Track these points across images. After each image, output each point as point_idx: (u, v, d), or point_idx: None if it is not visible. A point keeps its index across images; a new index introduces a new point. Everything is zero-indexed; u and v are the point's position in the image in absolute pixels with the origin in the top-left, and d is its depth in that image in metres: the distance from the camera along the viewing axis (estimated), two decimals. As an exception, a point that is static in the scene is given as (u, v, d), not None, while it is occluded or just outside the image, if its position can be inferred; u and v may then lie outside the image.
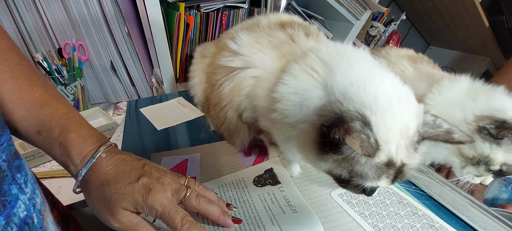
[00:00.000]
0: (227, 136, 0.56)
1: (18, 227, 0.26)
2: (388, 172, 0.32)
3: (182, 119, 0.75)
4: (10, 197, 0.26)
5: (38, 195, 0.31)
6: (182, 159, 0.55)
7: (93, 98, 1.10)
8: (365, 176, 0.32)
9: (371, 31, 1.35)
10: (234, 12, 0.99)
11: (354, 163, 0.32)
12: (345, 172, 0.33)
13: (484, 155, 0.48)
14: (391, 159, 0.31)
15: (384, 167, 0.32)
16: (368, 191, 0.35)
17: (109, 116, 0.95)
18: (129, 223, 0.32)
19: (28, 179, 0.29)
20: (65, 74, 0.93)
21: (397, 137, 0.32)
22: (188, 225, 0.31)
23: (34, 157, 0.74)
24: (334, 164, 0.33)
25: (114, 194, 0.31)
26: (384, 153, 0.31)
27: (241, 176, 0.49)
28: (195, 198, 0.34)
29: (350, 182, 0.34)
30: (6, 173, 0.26)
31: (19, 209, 0.26)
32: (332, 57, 0.38)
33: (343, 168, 0.33)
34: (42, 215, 0.30)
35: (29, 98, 0.33)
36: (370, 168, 0.32)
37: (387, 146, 0.31)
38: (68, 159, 0.33)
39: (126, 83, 1.09)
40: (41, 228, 0.30)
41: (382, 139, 0.31)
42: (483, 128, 0.47)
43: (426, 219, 0.41)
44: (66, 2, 0.90)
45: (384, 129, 0.31)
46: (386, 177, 0.32)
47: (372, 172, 0.32)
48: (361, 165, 0.32)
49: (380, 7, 1.16)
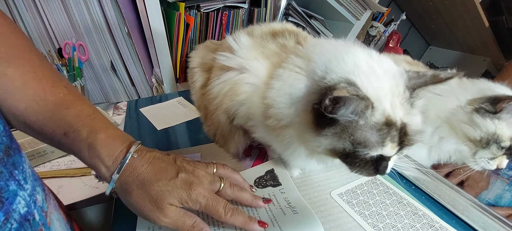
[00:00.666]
0: (221, 142, 0.54)
1: (19, 223, 0.26)
2: (391, 134, 0.31)
3: (182, 118, 0.75)
4: (7, 193, 0.26)
5: (39, 192, 0.31)
6: (182, 159, 0.55)
7: (93, 98, 1.10)
8: (369, 143, 0.31)
9: (371, 31, 1.35)
10: (234, 12, 0.99)
11: (354, 130, 0.31)
12: (348, 144, 0.32)
13: (491, 133, 0.49)
14: (388, 116, 0.31)
15: (384, 128, 0.31)
16: (380, 166, 0.33)
17: (109, 116, 0.95)
18: (177, 216, 0.33)
19: (27, 176, 0.29)
20: (65, 74, 0.93)
21: (389, 95, 0.32)
22: (231, 213, 0.35)
23: (34, 157, 0.74)
24: (335, 138, 0.33)
25: (159, 192, 0.32)
26: (379, 111, 0.31)
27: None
28: (229, 188, 0.38)
29: (356, 155, 0.33)
30: (1, 170, 0.26)
31: (18, 205, 0.26)
32: (310, 49, 0.39)
33: (345, 139, 0.32)
34: (44, 212, 0.30)
35: (54, 99, 0.32)
36: (371, 132, 0.31)
37: (380, 104, 0.31)
38: (99, 160, 0.32)
39: (126, 83, 1.09)
40: (44, 225, 0.30)
41: (373, 97, 0.31)
42: (480, 108, 0.49)
43: (426, 219, 0.41)
44: (66, 2, 0.90)
45: (372, 88, 0.32)
46: (390, 141, 0.32)
47: (374, 136, 0.31)
48: (361, 131, 0.31)
49: (380, 7, 1.16)
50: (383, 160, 0.34)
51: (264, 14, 1.05)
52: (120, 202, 0.46)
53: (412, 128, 0.33)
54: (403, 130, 0.32)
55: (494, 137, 0.49)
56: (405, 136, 0.33)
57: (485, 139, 0.49)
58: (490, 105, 0.49)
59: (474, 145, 0.51)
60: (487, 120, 0.49)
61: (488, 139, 0.49)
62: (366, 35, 1.36)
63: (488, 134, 0.49)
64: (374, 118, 0.31)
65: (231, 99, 0.44)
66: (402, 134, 0.32)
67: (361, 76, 0.32)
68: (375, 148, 0.32)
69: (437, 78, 0.33)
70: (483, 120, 0.49)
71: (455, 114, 0.52)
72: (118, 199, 0.47)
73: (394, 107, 0.32)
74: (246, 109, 0.42)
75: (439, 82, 0.33)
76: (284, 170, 0.49)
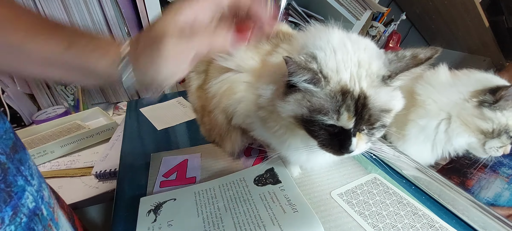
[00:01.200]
0: (218, 141, 0.55)
1: (28, 217, 0.26)
2: (346, 102, 0.32)
3: (182, 118, 0.75)
4: (16, 188, 0.26)
5: (45, 189, 0.31)
6: (182, 159, 0.55)
7: (93, 98, 1.10)
8: (324, 109, 0.33)
9: (371, 31, 1.35)
10: (234, 12, 0.99)
11: (310, 97, 0.33)
12: (305, 110, 0.34)
13: (502, 124, 0.50)
14: (345, 86, 0.33)
15: (339, 97, 0.32)
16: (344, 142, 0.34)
17: (109, 116, 0.95)
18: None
19: (34, 172, 0.30)
20: (65, 74, 0.93)
21: (353, 68, 0.33)
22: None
23: (34, 157, 0.74)
24: (295, 104, 0.35)
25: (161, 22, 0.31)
26: (334, 81, 0.33)
27: (242, 175, 0.49)
28: None
29: (315, 123, 0.34)
30: (8, 165, 0.26)
31: (27, 200, 0.27)
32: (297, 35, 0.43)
33: (303, 106, 0.34)
34: (51, 207, 0.31)
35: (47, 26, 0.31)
36: (325, 99, 0.33)
37: (336, 74, 0.33)
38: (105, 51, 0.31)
39: (126, 83, 1.09)
40: (52, 220, 0.30)
41: (331, 68, 0.33)
42: (483, 101, 0.51)
43: (426, 219, 0.41)
44: (66, 2, 0.90)
45: (333, 61, 0.34)
46: (346, 109, 0.32)
47: (329, 103, 0.33)
48: (316, 98, 0.33)
49: (380, 7, 1.16)
50: (345, 136, 0.34)
51: (264, 14, 1.05)
52: (120, 202, 0.46)
53: (375, 103, 0.33)
54: (361, 101, 0.33)
55: (505, 128, 0.51)
56: (364, 107, 0.33)
57: (497, 130, 0.51)
58: (491, 96, 0.50)
59: (484, 136, 0.52)
60: (497, 112, 0.50)
61: (500, 130, 0.51)
62: (366, 35, 1.36)
63: (500, 125, 0.51)
64: (329, 86, 0.33)
65: (228, 98, 0.44)
66: (360, 105, 0.33)
67: (326, 51, 0.35)
68: (330, 115, 0.33)
69: (417, 60, 0.33)
70: (494, 113, 0.51)
71: (464, 109, 0.53)
72: (118, 199, 0.48)
73: (356, 78, 0.33)
74: (244, 107, 0.43)
75: (420, 63, 0.33)
76: (284, 168, 0.49)
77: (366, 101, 0.33)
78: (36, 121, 0.94)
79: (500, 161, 0.58)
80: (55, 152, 0.77)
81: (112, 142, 0.78)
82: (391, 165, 0.53)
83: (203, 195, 0.45)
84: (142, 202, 0.43)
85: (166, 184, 0.48)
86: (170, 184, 0.48)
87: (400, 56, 0.35)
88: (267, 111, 0.40)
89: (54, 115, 0.97)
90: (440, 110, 0.55)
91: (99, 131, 0.83)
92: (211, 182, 0.48)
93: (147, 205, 0.42)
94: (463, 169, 0.61)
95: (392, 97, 0.35)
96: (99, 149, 0.82)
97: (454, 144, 0.55)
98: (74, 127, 0.88)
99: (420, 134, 0.56)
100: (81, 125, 0.90)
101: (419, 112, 0.56)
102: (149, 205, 0.42)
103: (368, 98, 0.33)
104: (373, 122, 0.34)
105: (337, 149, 0.35)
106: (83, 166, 0.74)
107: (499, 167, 0.58)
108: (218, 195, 0.44)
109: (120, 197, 0.48)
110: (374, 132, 0.36)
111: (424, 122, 0.55)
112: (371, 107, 0.33)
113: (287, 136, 0.41)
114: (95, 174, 0.67)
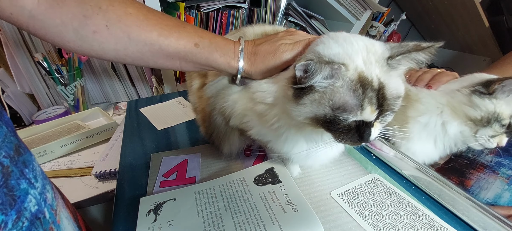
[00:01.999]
0: (216, 142, 0.54)
1: (30, 221, 0.26)
2: (368, 95, 0.32)
3: (182, 118, 0.75)
4: (19, 192, 0.26)
5: (48, 190, 0.31)
6: (182, 159, 0.55)
7: (93, 98, 1.10)
8: (348, 106, 0.32)
9: (371, 31, 1.35)
10: (234, 12, 0.99)
11: (332, 94, 0.32)
12: (328, 109, 0.33)
13: (491, 111, 0.51)
14: (362, 72, 0.32)
15: (360, 89, 0.32)
16: (364, 133, 0.34)
17: (109, 116, 0.95)
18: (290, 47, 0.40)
19: (38, 174, 0.30)
20: (65, 74, 0.93)
21: (363, 52, 0.33)
22: None
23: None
24: (314, 105, 0.33)
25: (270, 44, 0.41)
26: (352, 67, 0.32)
27: (242, 175, 0.49)
28: None
29: (337, 121, 0.33)
30: (12, 169, 0.26)
31: (30, 203, 0.27)
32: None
33: (324, 105, 0.33)
34: (54, 210, 0.31)
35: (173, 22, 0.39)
36: (348, 93, 0.32)
37: (351, 61, 0.33)
38: (228, 56, 0.40)
39: (126, 83, 1.09)
40: (54, 223, 0.30)
41: (342, 57, 0.33)
42: (476, 90, 0.53)
43: (426, 219, 0.41)
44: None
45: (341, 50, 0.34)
46: (369, 103, 0.32)
47: (352, 98, 0.32)
48: (338, 94, 0.32)
49: (380, 7, 1.16)
50: (365, 127, 0.34)
51: (264, 14, 1.05)
52: (120, 202, 0.46)
53: (391, 91, 0.33)
54: (381, 91, 0.33)
55: (495, 116, 0.51)
56: (384, 99, 0.33)
57: (486, 117, 0.51)
58: (483, 88, 0.52)
59: (474, 124, 0.53)
60: (485, 100, 0.51)
61: (489, 118, 0.51)
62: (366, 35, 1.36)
63: (488, 113, 0.51)
64: (348, 73, 0.32)
65: (225, 100, 0.44)
66: (380, 96, 0.33)
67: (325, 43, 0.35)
68: (354, 111, 0.32)
69: (418, 47, 0.34)
70: (482, 100, 0.51)
71: (454, 97, 0.54)
72: (118, 199, 0.48)
73: (369, 64, 0.33)
74: (240, 107, 0.43)
75: (421, 50, 0.33)
76: (284, 168, 0.49)
77: (385, 92, 0.33)
78: (36, 121, 0.94)
79: (500, 162, 0.58)
80: (55, 152, 0.77)
81: (112, 142, 0.78)
82: (391, 165, 0.53)
83: (203, 194, 0.45)
84: (142, 202, 0.43)
85: (166, 184, 0.48)
86: (170, 184, 0.48)
87: (403, 44, 0.35)
88: (264, 106, 0.40)
89: (54, 115, 0.97)
90: (439, 104, 0.56)
91: (99, 131, 0.83)
92: (211, 181, 0.48)
93: (147, 205, 0.42)
94: (462, 169, 0.61)
95: (399, 83, 0.35)
96: (99, 149, 0.82)
97: (449, 133, 0.55)
98: (74, 127, 0.88)
99: (422, 131, 0.57)
100: (81, 125, 0.89)
101: (418, 107, 0.56)
102: (149, 205, 0.42)
103: (385, 87, 0.33)
104: (391, 110, 0.34)
105: (356, 140, 0.34)
106: (83, 166, 0.74)
107: (499, 167, 0.58)
108: (218, 195, 0.44)
109: (120, 197, 0.48)
110: (387, 118, 0.36)
111: (425, 119, 0.56)
112: (389, 97, 0.33)
113: (283, 129, 0.40)
114: (95, 174, 0.67)
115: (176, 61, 0.40)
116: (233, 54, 0.41)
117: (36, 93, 0.99)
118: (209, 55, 0.40)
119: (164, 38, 0.37)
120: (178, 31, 0.38)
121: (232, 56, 0.41)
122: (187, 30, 0.39)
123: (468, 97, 0.53)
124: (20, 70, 0.93)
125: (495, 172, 0.59)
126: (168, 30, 0.37)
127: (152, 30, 0.36)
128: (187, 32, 0.39)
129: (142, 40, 0.36)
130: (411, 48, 0.34)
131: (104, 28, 0.34)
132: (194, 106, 0.58)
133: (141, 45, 0.36)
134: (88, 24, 0.34)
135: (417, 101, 0.57)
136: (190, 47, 0.39)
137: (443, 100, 0.55)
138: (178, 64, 0.40)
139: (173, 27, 0.38)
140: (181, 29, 0.39)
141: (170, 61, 0.40)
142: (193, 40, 0.39)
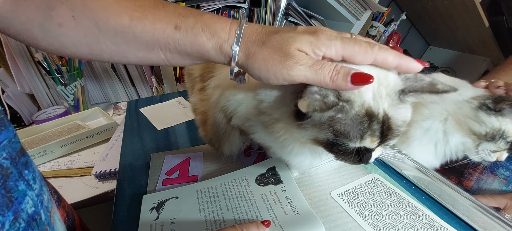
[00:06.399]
0: (215, 142, 0.51)
1: (26, 223, 0.26)
2: (371, 128, 0.31)
3: (182, 118, 0.75)
4: (16, 193, 0.26)
5: (45, 192, 0.31)
6: (184, 157, 0.55)
7: (93, 98, 1.10)
8: (349, 135, 0.31)
9: (371, 31, 1.35)
10: (234, 12, 0.99)
11: (333, 123, 0.31)
12: (330, 135, 0.32)
13: (496, 129, 0.50)
14: (369, 108, 0.31)
15: (365, 121, 0.31)
16: (364, 156, 0.33)
17: (109, 116, 0.95)
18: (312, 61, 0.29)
19: (36, 176, 0.30)
20: (65, 74, 0.93)
21: (374, 85, 0.31)
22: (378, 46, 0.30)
23: (34, 157, 0.74)
24: (315, 129, 0.32)
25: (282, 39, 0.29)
26: (358, 104, 0.31)
27: (244, 174, 0.48)
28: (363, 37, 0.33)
29: (338, 145, 0.32)
30: (11, 170, 0.26)
31: (27, 205, 0.27)
32: None
33: (326, 131, 0.32)
34: (49, 211, 0.31)
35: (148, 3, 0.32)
36: (351, 124, 0.31)
37: (359, 97, 0.30)
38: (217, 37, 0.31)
39: (126, 83, 1.09)
40: (49, 225, 0.30)
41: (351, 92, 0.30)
42: (483, 104, 0.51)
43: (426, 219, 0.41)
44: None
45: None
46: (370, 135, 0.31)
47: (355, 129, 0.31)
48: (340, 124, 0.31)
49: (380, 7, 1.16)
50: (366, 151, 0.33)
51: (264, 14, 1.05)
52: (120, 202, 0.46)
53: (397, 122, 0.32)
54: (386, 124, 0.32)
55: (500, 132, 0.50)
56: (389, 130, 0.32)
57: (491, 133, 0.51)
58: (492, 103, 0.50)
59: (478, 137, 0.52)
60: (491, 117, 0.50)
61: (493, 134, 0.50)
62: (366, 35, 1.36)
63: (493, 129, 0.50)
64: (353, 110, 0.31)
65: (228, 98, 0.43)
66: (386, 128, 0.32)
67: None
68: (355, 140, 0.31)
69: (433, 88, 0.32)
70: (488, 117, 0.50)
71: (461, 108, 0.53)
72: (118, 199, 0.48)
73: (378, 98, 0.31)
74: (244, 110, 0.42)
75: (435, 93, 0.32)
76: (286, 167, 0.49)
77: (390, 123, 0.32)
78: (36, 121, 0.94)
79: (498, 163, 0.58)
80: (55, 152, 0.77)
81: (112, 142, 0.78)
82: (391, 165, 0.53)
83: (205, 193, 0.45)
84: (144, 199, 0.43)
85: (168, 182, 0.48)
86: (172, 182, 0.49)
87: (419, 78, 0.34)
88: (269, 117, 0.38)
89: (54, 115, 0.97)
90: (443, 110, 0.55)
91: (99, 131, 0.83)
92: (213, 180, 0.48)
93: (149, 203, 0.42)
94: (461, 170, 0.61)
95: (408, 111, 0.34)
96: (99, 149, 0.82)
97: (450, 143, 0.55)
98: (74, 127, 0.88)
99: (424, 136, 0.56)
100: (81, 125, 0.90)
101: (422, 112, 0.56)
102: (151, 203, 0.42)
103: (391, 119, 0.32)
104: (394, 137, 0.34)
105: (356, 161, 0.34)
106: (83, 166, 0.74)
107: (497, 168, 0.58)
108: (220, 194, 0.44)
109: (120, 197, 0.48)
110: (390, 143, 0.35)
111: (427, 124, 0.55)
112: (394, 127, 0.33)
113: (288, 141, 0.40)
114: (95, 174, 0.67)
115: (159, 52, 0.32)
116: (227, 35, 0.31)
117: (36, 93, 0.99)
118: (194, 39, 0.31)
119: (137, 22, 0.30)
120: (154, 12, 0.31)
121: (225, 37, 0.31)
122: (167, 9, 0.31)
123: (475, 112, 0.51)
124: (20, 70, 0.93)
125: (493, 172, 0.59)
126: (141, 11, 0.30)
127: (122, 13, 0.30)
128: (166, 12, 0.31)
129: (112, 28, 0.30)
130: (426, 89, 0.32)
131: (71, 19, 0.29)
132: (194, 107, 0.57)
133: (112, 34, 0.30)
134: (53, 17, 0.29)
135: (423, 106, 0.56)
136: (169, 32, 0.31)
137: (449, 108, 0.54)
138: (163, 56, 0.33)
139: (147, 8, 0.31)
140: (159, 10, 0.31)
141: (152, 53, 0.32)
142: (173, 22, 0.31)
